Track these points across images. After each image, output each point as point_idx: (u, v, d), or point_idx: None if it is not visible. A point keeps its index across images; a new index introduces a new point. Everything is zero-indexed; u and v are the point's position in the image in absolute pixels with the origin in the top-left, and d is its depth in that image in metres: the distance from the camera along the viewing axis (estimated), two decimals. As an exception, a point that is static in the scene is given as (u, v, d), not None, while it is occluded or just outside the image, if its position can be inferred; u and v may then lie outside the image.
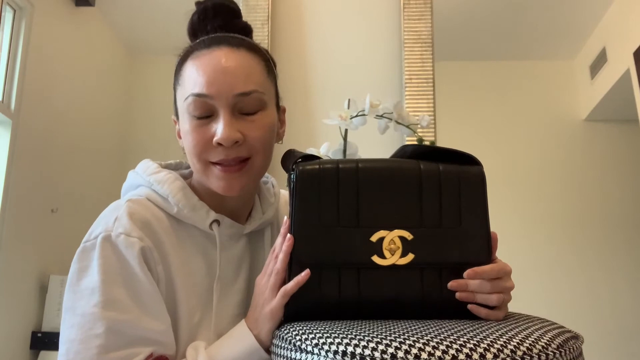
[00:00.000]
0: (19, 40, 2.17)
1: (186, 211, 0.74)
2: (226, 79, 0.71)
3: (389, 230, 0.64)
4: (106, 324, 0.63)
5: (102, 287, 0.64)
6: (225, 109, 0.71)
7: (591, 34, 3.07)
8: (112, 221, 0.68)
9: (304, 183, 0.66)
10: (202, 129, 0.71)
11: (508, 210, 3.04)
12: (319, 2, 1.74)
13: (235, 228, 0.78)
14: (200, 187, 0.78)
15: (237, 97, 0.71)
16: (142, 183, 0.76)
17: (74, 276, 0.67)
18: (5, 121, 2.08)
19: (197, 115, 0.72)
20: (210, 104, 0.71)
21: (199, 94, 0.71)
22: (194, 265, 0.74)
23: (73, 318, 0.65)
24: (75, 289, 0.66)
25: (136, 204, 0.71)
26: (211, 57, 0.73)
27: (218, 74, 0.71)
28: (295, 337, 0.57)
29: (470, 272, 0.64)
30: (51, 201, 2.35)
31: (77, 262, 0.67)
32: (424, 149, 0.71)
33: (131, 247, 0.66)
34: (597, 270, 3.05)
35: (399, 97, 1.62)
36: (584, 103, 3.24)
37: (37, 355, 2.15)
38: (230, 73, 0.71)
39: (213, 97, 0.70)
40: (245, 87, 0.71)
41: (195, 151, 0.72)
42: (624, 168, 3.17)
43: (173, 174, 0.77)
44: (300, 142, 1.51)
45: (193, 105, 0.71)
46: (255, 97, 0.73)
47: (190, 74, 0.73)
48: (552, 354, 0.52)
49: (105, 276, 0.65)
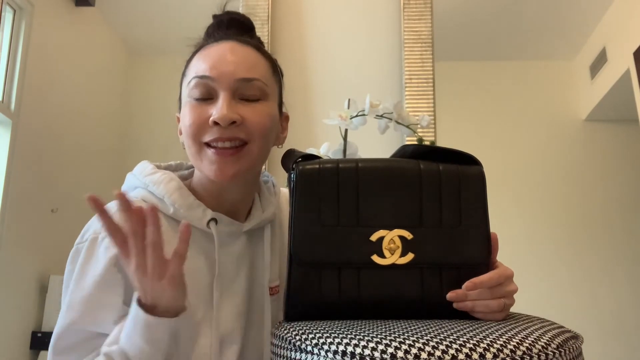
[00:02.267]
0: (19, 40, 2.18)
1: (182, 211, 0.74)
2: (229, 65, 0.72)
3: (389, 230, 0.64)
4: (66, 324, 0.66)
5: (72, 287, 0.67)
6: (226, 92, 0.71)
7: (591, 34, 3.07)
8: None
9: (304, 182, 0.66)
10: (200, 109, 0.71)
11: (508, 210, 3.04)
12: (319, 2, 1.74)
13: (234, 226, 0.78)
14: (199, 186, 0.78)
15: (239, 82, 0.71)
16: (139, 185, 0.77)
17: (65, 278, 0.69)
18: (5, 121, 2.08)
19: (197, 96, 0.72)
20: (211, 86, 0.71)
21: (202, 76, 0.71)
22: (193, 264, 0.74)
23: (61, 312, 0.68)
24: (64, 290, 0.69)
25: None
26: (218, 47, 0.74)
27: (222, 61, 0.72)
28: (295, 337, 0.57)
29: (469, 284, 0.63)
30: (51, 201, 2.35)
31: (69, 263, 0.69)
32: (424, 148, 0.71)
33: (110, 250, 0.67)
34: (597, 270, 3.05)
35: (399, 97, 1.62)
36: (584, 103, 3.24)
37: (37, 355, 2.15)
38: (235, 61, 0.72)
39: (215, 79, 0.71)
40: (248, 73, 0.72)
41: (191, 131, 0.71)
42: (624, 168, 3.17)
43: (168, 175, 0.76)
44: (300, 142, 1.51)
45: (194, 87, 0.72)
46: (258, 86, 0.73)
47: (195, 63, 0.74)
48: (552, 354, 0.52)
49: (77, 277, 0.67)
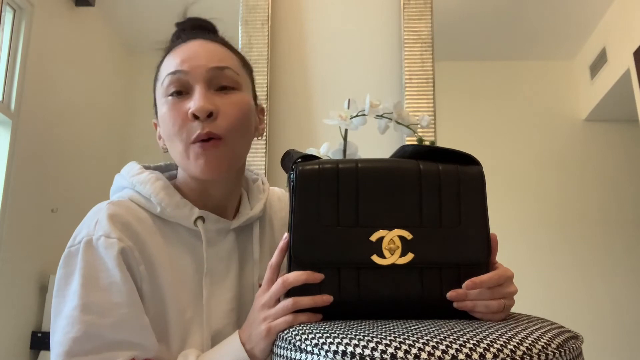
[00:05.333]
0: (19, 40, 2.17)
1: (169, 210, 0.74)
2: (200, 58, 0.74)
3: (389, 230, 0.64)
4: (83, 328, 0.64)
5: (81, 291, 0.65)
6: (201, 84, 0.72)
7: (591, 34, 3.07)
8: (94, 225, 0.69)
9: (303, 183, 0.66)
10: (178, 106, 0.73)
11: (508, 210, 3.04)
12: (319, 2, 1.74)
13: (221, 223, 0.79)
14: (184, 185, 0.79)
15: (211, 71, 0.73)
16: (126, 185, 0.77)
17: (60, 281, 0.68)
18: (5, 121, 2.08)
19: (172, 92, 0.73)
20: (184, 79, 0.73)
21: (174, 71, 0.73)
22: (182, 262, 0.75)
23: (57, 321, 0.66)
24: (61, 293, 0.67)
25: (117, 206, 0.72)
26: (187, 46, 0.76)
27: (193, 54, 0.74)
28: (295, 337, 0.57)
29: (469, 284, 0.63)
30: (51, 201, 2.35)
31: (63, 267, 0.68)
32: (424, 149, 0.71)
33: (111, 248, 0.67)
34: (597, 270, 3.05)
35: (399, 97, 1.62)
36: (584, 103, 3.24)
37: (37, 355, 2.15)
38: (204, 54, 0.74)
39: (187, 72, 0.73)
40: (219, 62, 0.74)
41: (174, 130, 0.73)
42: (624, 168, 3.17)
43: (155, 174, 0.77)
44: (300, 142, 1.51)
45: (169, 84, 0.73)
46: (230, 74, 0.75)
47: (166, 63, 0.76)
48: (552, 354, 0.52)
49: (85, 280, 0.66)
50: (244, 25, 1.60)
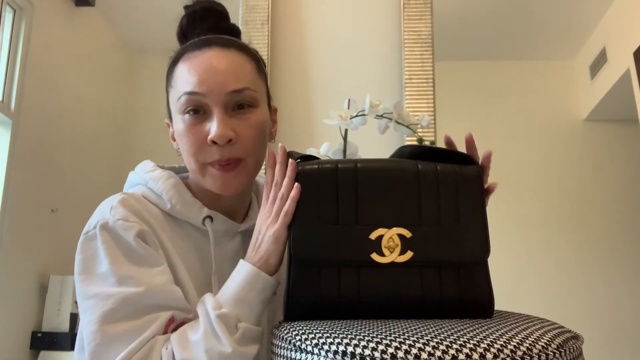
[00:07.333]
0: (19, 40, 2.17)
1: (179, 207, 0.75)
2: (218, 78, 0.72)
3: (388, 228, 0.65)
4: (120, 299, 0.64)
5: (112, 269, 0.66)
6: (219, 107, 0.72)
7: (591, 34, 3.07)
8: (108, 210, 0.69)
9: (303, 183, 0.67)
10: (196, 129, 0.73)
11: (507, 209, 3.04)
12: (319, 2, 1.74)
13: (228, 225, 0.79)
14: (195, 186, 0.80)
15: (229, 95, 0.72)
16: (139, 181, 0.78)
17: (81, 265, 0.68)
18: (5, 121, 2.08)
19: (189, 112, 0.73)
20: (202, 102, 0.72)
21: (192, 92, 0.72)
22: (189, 259, 0.75)
23: (86, 302, 0.65)
24: (84, 277, 0.67)
25: (130, 197, 0.73)
26: (202, 57, 0.74)
27: (210, 73, 0.72)
28: (295, 337, 0.57)
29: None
30: (51, 201, 2.35)
31: (81, 252, 0.68)
32: (422, 149, 0.71)
33: (130, 229, 0.68)
34: (596, 270, 3.05)
35: (399, 97, 1.62)
36: (584, 103, 3.24)
37: (37, 355, 2.14)
38: (222, 72, 0.73)
39: (205, 95, 0.72)
40: (237, 84, 0.73)
41: (192, 151, 0.73)
42: (623, 168, 3.17)
43: (167, 173, 0.78)
44: (300, 142, 1.51)
45: (186, 104, 0.72)
46: (248, 95, 0.74)
47: (182, 74, 0.74)
48: (552, 354, 0.52)
49: (112, 259, 0.66)
50: (244, 25, 1.60)
